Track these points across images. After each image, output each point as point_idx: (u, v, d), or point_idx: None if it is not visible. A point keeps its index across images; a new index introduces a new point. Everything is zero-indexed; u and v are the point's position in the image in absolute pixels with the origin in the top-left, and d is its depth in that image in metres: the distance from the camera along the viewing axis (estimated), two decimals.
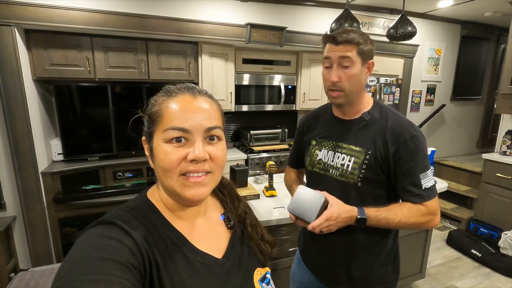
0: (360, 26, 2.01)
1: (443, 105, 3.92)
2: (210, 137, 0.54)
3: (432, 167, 2.03)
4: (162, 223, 0.54)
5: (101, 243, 0.44)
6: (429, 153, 2.02)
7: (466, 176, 3.55)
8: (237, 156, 2.90)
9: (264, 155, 2.97)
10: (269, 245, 0.68)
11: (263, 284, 0.62)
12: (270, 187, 1.79)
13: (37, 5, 1.96)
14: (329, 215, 0.89)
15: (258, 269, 0.63)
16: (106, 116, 2.46)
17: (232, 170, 1.82)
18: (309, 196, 0.94)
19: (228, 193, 0.71)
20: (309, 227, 0.90)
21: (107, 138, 2.50)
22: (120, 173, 2.54)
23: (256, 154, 2.96)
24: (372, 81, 3.28)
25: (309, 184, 1.12)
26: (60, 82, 2.31)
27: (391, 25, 2.02)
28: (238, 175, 1.79)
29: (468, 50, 3.98)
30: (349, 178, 0.97)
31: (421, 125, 3.80)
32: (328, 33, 0.96)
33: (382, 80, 3.37)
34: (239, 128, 3.39)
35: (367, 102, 1.01)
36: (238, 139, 3.38)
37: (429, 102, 3.92)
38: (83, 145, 2.47)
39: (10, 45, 1.95)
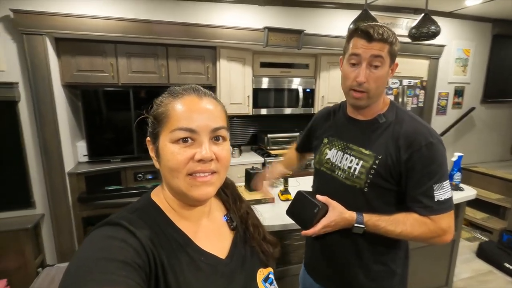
0: None
1: (473, 108, 3.71)
2: (215, 138, 0.54)
3: (458, 174, 1.91)
4: (167, 223, 0.55)
5: (107, 244, 0.45)
6: (455, 158, 1.93)
7: (498, 184, 3.32)
8: (254, 160, 2.90)
9: (281, 158, 2.94)
10: (271, 245, 0.68)
11: (267, 284, 0.62)
12: (285, 191, 1.77)
13: (66, 15, 2.08)
14: (326, 223, 0.88)
15: (261, 269, 0.64)
16: (128, 120, 2.55)
17: (247, 173, 1.82)
18: (304, 204, 0.93)
19: (230, 193, 0.71)
20: (303, 233, 0.90)
21: (129, 140, 2.60)
22: (140, 175, 2.62)
23: (273, 158, 2.94)
24: (394, 83, 3.17)
25: (314, 183, 1.08)
26: (87, 87, 2.43)
27: (413, 24, 1.94)
28: (253, 178, 1.78)
29: (500, 50, 3.74)
30: (355, 182, 0.92)
31: (448, 129, 3.61)
32: (360, 26, 0.85)
33: (405, 82, 3.24)
34: (256, 131, 3.40)
35: (383, 104, 0.95)
36: (255, 143, 3.38)
37: (457, 105, 3.72)
38: (107, 147, 2.57)
39: (42, 52, 2.09)
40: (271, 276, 0.65)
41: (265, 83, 2.98)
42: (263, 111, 3.05)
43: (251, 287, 0.60)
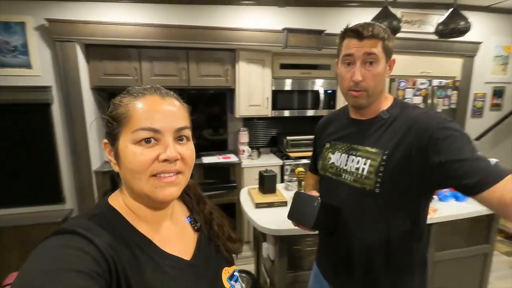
0: (401, 24, 1.84)
1: None
2: (179, 138, 0.54)
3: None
4: (127, 228, 0.53)
5: (61, 253, 0.42)
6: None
7: None
8: (273, 162, 2.87)
9: (300, 161, 2.89)
10: (235, 243, 0.69)
11: (232, 282, 0.63)
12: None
13: (95, 22, 2.21)
14: None
15: (226, 268, 0.64)
16: None
17: (260, 175, 1.81)
18: (304, 201, 0.91)
19: (193, 194, 0.70)
20: None
21: None
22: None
23: (292, 161, 2.89)
24: (422, 84, 2.99)
25: (321, 191, 1.04)
26: (114, 90, 2.56)
27: (441, 20, 1.81)
28: (266, 181, 1.77)
29: None
30: (365, 184, 0.86)
31: (484, 133, 3.33)
32: (350, 26, 0.85)
33: (435, 82, 3.04)
34: (276, 133, 3.37)
35: (385, 100, 0.91)
36: (275, 145, 3.36)
37: (496, 106, 3.42)
38: None
39: (72, 58, 2.24)
40: (236, 273, 0.65)
41: (285, 84, 2.95)
42: (283, 113, 3.01)
43: (217, 286, 0.60)
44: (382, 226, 0.86)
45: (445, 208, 1.69)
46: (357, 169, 0.88)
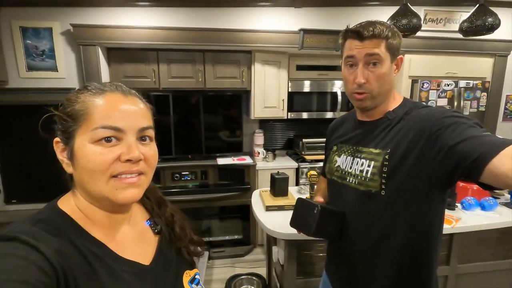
0: (422, 22, 1.75)
1: None
2: (142, 138, 0.52)
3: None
4: (79, 234, 0.49)
5: (3, 264, 0.38)
6: None
7: None
8: (288, 164, 2.83)
9: (316, 164, 2.83)
10: (198, 245, 0.68)
11: (193, 285, 0.62)
12: (311, 198, 1.68)
13: (115, 26, 2.30)
14: None
15: (187, 271, 0.63)
16: (168, 122, 2.71)
17: (272, 178, 1.78)
18: (305, 207, 0.90)
19: (153, 197, 0.68)
20: None
21: (168, 142, 2.75)
22: (177, 175, 2.75)
23: (308, 164, 2.84)
24: (448, 85, 2.83)
25: (328, 195, 1.02)
26: None
27: (466, 17, 1.70)
28: (277, 183, 1.74)
29: None
30: (369, 186, 0.82)
31: None
32: (350, 27, 0.82)
33: (462, 83, 2.87)
34: (292, 136, 3.33)
35: (393, 101, 0.86)
36: (291, 147, 3.31)
37: None
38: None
39: (95, 61, 2.34)
40: (198, 277, 0.64)
41: (301, 86, 2.91)
42: (300, 115, 2.97)
43: None
44: (389, 231, 0.81)
45: (470, 217, 1.58)
46: (362, 171, 0.85)
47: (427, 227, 0.81)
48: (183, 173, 2.75)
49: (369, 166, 0.83)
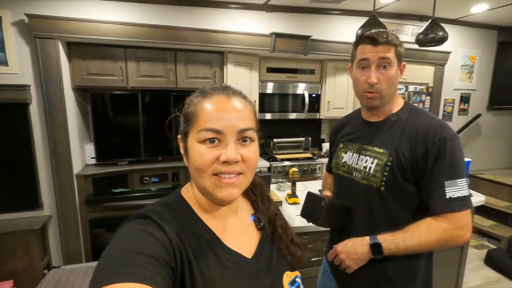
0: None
1: (479, 115, 3.70)
2: (243, 139, 0.54)
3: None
4: (195, 220, 0.55)
5: (137, 237, 0.46)
6: None
7: (506, 191, 3.28)
8: (260, 164, 2.90)
9: (287, 163, 2.95)
10: (299, 248, 0.66)
11: (293, 287, 0.61)
12: (293, 195, 1.77)
13: (78, 19, 2.13)
14: (340, 249, 0.95)
15: (287, 272, 0.62)
16: (136, 123, 2.58)
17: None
18: (313, 200, 1.00)
19: (259, 193, 0.70)
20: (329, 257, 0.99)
21: (136, 143, 2.61)
22: (147, 178, 2.63)
23: (279, 162, 2.94)
24: (400, 89, 3.18)
25: (335, 188, 1.11)
26: (96, 90, 2.46)
27: (421, 30, 1.95)
28: (263, 181, 1.79)
29: (507, 57, 3.74)
30: (371, 181, 0.93)
31: None
32: (365, 33, 0.92)
33: (411, 88, 3.25)
34: (262, 136, 3.40)
35: (396, 104, 0.98)
36: (261, 147, 3.38)
37: (463, 111, 3.71)
38: (114, 150, 2.59)
39: (54, 56, 2.13)
40: (298, 280, 0.63)
41: (271, 88, 3.00)
42: (269, 116, 3.07)
43: None
44: (388, 223, 0.92)
45: None
46: (365, 167, 0.95)
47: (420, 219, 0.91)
48: (152, 176, 2.65)
49: (372, 163, 0.93)
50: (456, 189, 0.83)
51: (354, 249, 0.91)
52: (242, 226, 0.63)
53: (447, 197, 0.83)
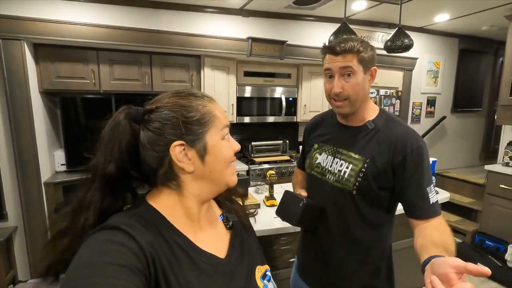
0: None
1: (444, 117, 3.94)
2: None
3: (433, 178, 2.02)
4: (166, 226, 0.55)
5: (106, 248, 0.45)
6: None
7: (470, 188, 3.52)
8: (239, 167, 2.90)
9: (265, 166, 2.98)
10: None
11: (265, 281, 0.64)
12: (271, 197, 1.79)
13: (46, 20, 2.04)
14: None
15: (258, 266, 0.65)
16: None
17: None
18: (291, 200, 1.00)
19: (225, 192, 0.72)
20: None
21: None
22: None
23: (257, 165, 2.96)
24: (372, 93, 3.32)
25: (307, 187, 1.12)
26: (66, 94, 2.37)
27: (388, 38, 2.06)
28: (239, 185, 1.79)
29: (467, 63, 4.03)
30: (345, 185, 0.95)
31: (422, 137, 3.80)
32: (327, 44, 0.94)
33: (382, 92, 3.41)
34: (240, 139, 3.42)
35: (372, 110, 0.99)
36: (239, 151, 3.39)
37: (430, 114, 3.94)
38: (86, 156, 2.49)
39: (19, 58, 2.03)
40: (268, 273, 0.66)
41: (248, 91, 3.03)
42: (247, 119, 3.09)
43: (251, 284, 0.61)
44: (360, 221, 0.96)
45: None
46: (340, 171, 0.97)
47: (382, 225, 0.98)
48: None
49: (347, 168, 0.95)
50: (433, 194, 0.89)
51: None
52: (213, 227, 0.64)
53: (431, 202, 0.87)
